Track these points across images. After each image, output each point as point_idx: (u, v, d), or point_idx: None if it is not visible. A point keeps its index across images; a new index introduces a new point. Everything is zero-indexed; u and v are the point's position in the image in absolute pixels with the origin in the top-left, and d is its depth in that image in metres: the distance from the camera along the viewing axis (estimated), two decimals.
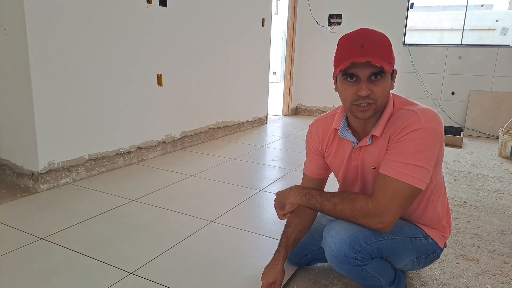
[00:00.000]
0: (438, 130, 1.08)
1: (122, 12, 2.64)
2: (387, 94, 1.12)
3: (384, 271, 1.20)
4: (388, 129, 1.13)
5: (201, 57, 3.56)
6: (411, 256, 1.24)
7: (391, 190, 1.07)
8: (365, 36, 1.07)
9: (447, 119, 5.06)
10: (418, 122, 1.07)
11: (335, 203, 1.14)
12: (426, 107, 1.13)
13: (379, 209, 1.08)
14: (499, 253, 1.73)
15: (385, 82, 1.08)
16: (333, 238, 1.13)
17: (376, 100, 1.08)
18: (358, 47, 1.05)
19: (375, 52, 1.04)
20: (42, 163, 2.26)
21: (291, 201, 1.22)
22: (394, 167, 1.08)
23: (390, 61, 1.07)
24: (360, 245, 1.10)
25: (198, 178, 2.65)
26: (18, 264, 1.50)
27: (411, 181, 1.06)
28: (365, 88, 1.06)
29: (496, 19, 9.52)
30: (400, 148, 1.08)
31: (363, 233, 1.11)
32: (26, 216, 1.95)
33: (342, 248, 1.11)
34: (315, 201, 1.17)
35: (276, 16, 13.62)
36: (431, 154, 1.08)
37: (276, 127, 4.92)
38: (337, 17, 5.47)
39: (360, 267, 1.13)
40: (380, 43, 1.06)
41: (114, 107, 2.70)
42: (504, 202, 2.39)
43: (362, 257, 1.11)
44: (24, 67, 2.13)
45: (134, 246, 1.67)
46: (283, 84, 6.00)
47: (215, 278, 1.45)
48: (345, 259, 1.11)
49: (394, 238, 1.17)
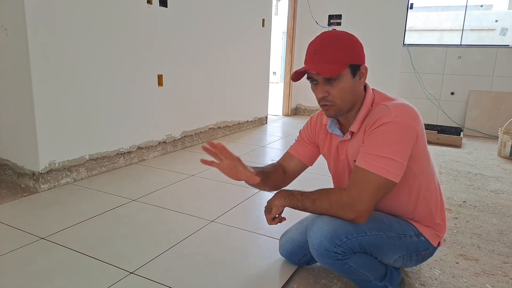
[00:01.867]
0: (410, 123, 1.12)
1: (122, 13, 2.65)
2: (349, 92, 1.17)
3: (370, 267, 1.22)
4: (365, 124, 1.19)
5: (202, 57, 3.56)
6: (399, 253, 1.25)
7: (363, 180, 1.12)
8: (321, 41, 1.15)
9: (446, 119, 5.06)
10: (388, 115, 1.11)
11: (314, 199, 1.19)
12: (402, 103, 1.17)
13: (352, 198, 1.13)
14: (499, 252, 1.73)
15: (341, 82, 1.15)
16: (315, 232, 1.17)
17: (334, 101, 1.17)
18: (312, 53, 1.15)
19: (323, 58, 1.13)
20: (42, 163, 2.26)
21: (276, 204, 1.27)
22: (365, 159, 1.13)
23: (344, 61, 1.13)
24: (341, 240, 1.13)
25: (198, 178, 2.65)
26: (18, 264, 1.50)
27: (381, 172, 1.10)
28: (320, 90, 1.17)
29: (495, 19, 9.52)
30: (371, 141, 1.13)
31: (344, 228, 1.14)
32: (27, 216, 1.95)
33: (322, 242, 1.15)
34: (296, 200, 1.22)
35: (276, 16, 13.62)
36: (403, 147, 1.11)
37: (276, 127, 4.93)
38: (337, 18, 5.47)
39: (342, 261, 1.16)
40: (332, 46, 1.14)
41: (115, 107, 2.70)
42: (503, 202, 2.40)
43: (342, 251, 1.14)
44: (24, 67, 2.13)
45: (134, 246, 1.67)
46: (283, 84, 6.00)
47: (215, 278, 1.45)
48: (326, 253, 1.15)
49: (378, 234, 1.19)
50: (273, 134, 4.41)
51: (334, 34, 1.16)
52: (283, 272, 1.48)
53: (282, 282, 1.42)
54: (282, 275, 1.46)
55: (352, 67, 1.15)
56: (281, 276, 1.46)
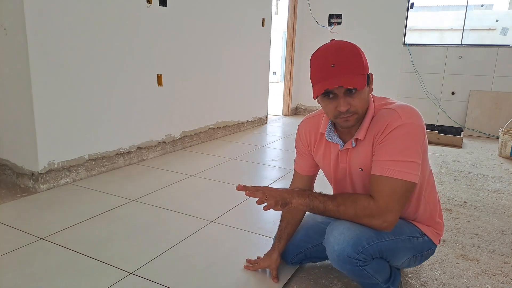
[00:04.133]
0: (419, 124, 1.12)
1: (122, 12, 2.64)
2: (367, 101, 1.17)
3: (382, 270, 1.22)
4: (371, 131, 1.17)
5: (201, 57, 3.56)
6: (408, 255, 1.26)
7: (388, 189, 1.10)
8: (336, 54, 1.09)
9: (447, 119, 5.06)
10: (399, 119, 1.11)
11: (338, 204, 1.15)
12: (403, 104, 1.16)
13: (380, 209, 1.11)
14: (499, 253, 1.73)
15: (362, 93, 1.13)
16: (336, 238, 1.14)
17: (357, 111, 1.14)
18: (329, 67, 1.08)
19: (346, 71, 1.07)
20: (42, 163, 2.26)
21: (294, 202, 1.18)
22: (386, 166, 1.11)
23: (363, 72, 1.10)
24: (363, 246, 1.12)
25: (198, 178, 2.65)
26: (18, 264, 1.50)
27: (405, 176, 1.09)
28: (343, 104, 1.11)
29: (496, 19, 9.51)
30: (387, 148, 1.11)
31: (366, 234, 1.13)
32: (26, 216, 1.95)
33: (345, 248, 1.12)
34: (318, 201, 1.17)
35: (276, 16, 13.60)
36: (418, 147, 1.11)
37: (276, 127, 4.92)
38: (337, 17, 5.46)
39: (361, 267, 1.14)
40: (350, 59, 1.09)
41: (114, 107, 2.70)
42: (504, 202, 2.39)
43: (364, 257, 1.13)
44: (24, 67, 2.13)
45: (134, 246, 1.67)
46: (283, 84, 6.00)
47: (215, 279, 1.44)
48: (347, 259, 1.13)
49: (395, 238, 1.19)
50: (273, 134, 4.41)
51: (344, 47, 1.11)
52: (283, 273, 1.47)
53: (282, 283, 1.42)
54: (282, 275, 1.46)
55: (366, 76, 1.14)
56: (281, 276, 1.45)
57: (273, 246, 1.47)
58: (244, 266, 1.51)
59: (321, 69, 1.11)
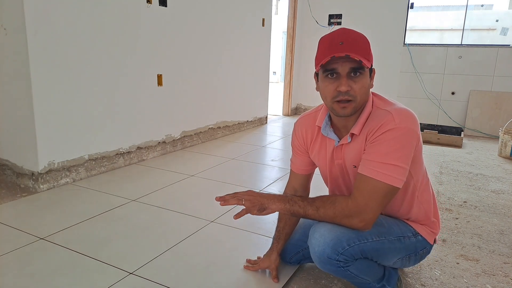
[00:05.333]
0: (412, 129, 1.12)
1: (122, 12, 2.64)
2: (366, 92, 1.16)
3: (370, 271, 1.23)
4: (366, 128, 1.17)
5: (201, 57, 3.56)
6: (399, 255, 1.26)
7: (369, 189, 1.11)
8: (345, 34, 1.11)
9: (447, 119, 5.06)
10: (393, 121, 1.11)
11: (317, 207, 1.17)
12: (402, 107, 1.16)
13: (358, 207, 1.12)
14: (499, 253, 1.73)
15: (364, 79, 1.12)
16: (317, 239, 1.16)
17: (356, 97, 1.12)
18: (338, 44, 1.09)
19: (354, 48, 1.08)
20: (42, 163, 2.26)
21: (273, 208, 1.20)
22: (371, 167, 1.11)
23: (369, 58, 1.11)
24: (343, 247, 1.13)
25: (198, 178, 2.65)
26: (18, 264, 1.50)
27: (388, 180, 1.09)
28: (344, 83, 1.10)
29: (496, 19, 9.51)
30: (376, 148, 1.12)
31: (346, 235, 1.14)
32: (26, 216, 1.95)
33: (325, 250, 1.13)
34: (298, 206, 1.19)
35: (276, 16, 13.60)
36: (407, 152, 1.11)
37: (276, 127, 4.92)
38: (337, 17, 5.46)
39: (343, 268, 1.15)
40: (359, 40, 1.11)
41: (114, 107, 2.70)
42: (504, 202, 2.39)
43: (344, 258, 1.14)
44: (24, 67, 2.13)
45: (134, 246, 1.67)
46: (283, 84, 6.00)
47: (215, 278, 1.44)
48: (327, 260, 1.14)
49: (380, 239, 1.19)
50: (273, 134, 4.41)
51: (354, 32, 1.12)
52: (283, 273, 1.48)
53: (282, 283, 1.42)
54: (282, 275, 1.46)
55: (371, 68, 1.15)
56: (281, 276, 1.45)
57: (272, 246, 1.48)
58: (244, 266, 1.52)
59: (328, 46, 1.10)
